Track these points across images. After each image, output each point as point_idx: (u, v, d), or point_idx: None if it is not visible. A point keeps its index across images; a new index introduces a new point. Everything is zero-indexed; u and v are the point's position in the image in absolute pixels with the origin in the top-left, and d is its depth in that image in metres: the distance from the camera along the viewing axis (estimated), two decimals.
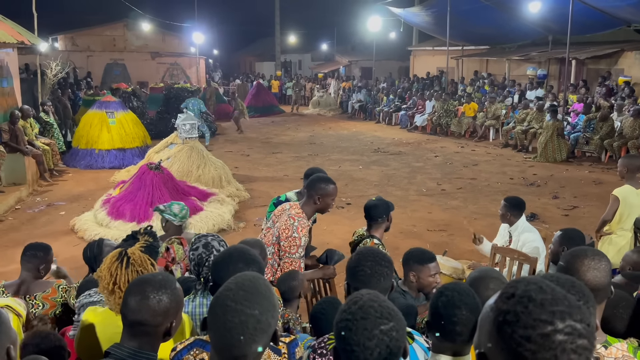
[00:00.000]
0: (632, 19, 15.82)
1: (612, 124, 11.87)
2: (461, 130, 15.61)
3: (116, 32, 26.38)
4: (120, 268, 2.08)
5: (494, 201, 8.67)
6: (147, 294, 1.70)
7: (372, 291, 1.53)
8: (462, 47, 21.85)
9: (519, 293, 1.01)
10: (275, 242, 3.36)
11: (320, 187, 3.38)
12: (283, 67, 35.65)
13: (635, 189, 4.68)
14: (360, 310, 1.42)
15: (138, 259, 2.10)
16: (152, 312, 1.69)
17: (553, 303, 0.98)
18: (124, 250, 2.12)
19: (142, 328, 1.71)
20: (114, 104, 12.22)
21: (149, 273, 1.91)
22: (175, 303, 1.74)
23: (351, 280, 2.19)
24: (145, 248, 2.15)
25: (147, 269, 2.10)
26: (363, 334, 1.39)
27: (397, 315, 1.46)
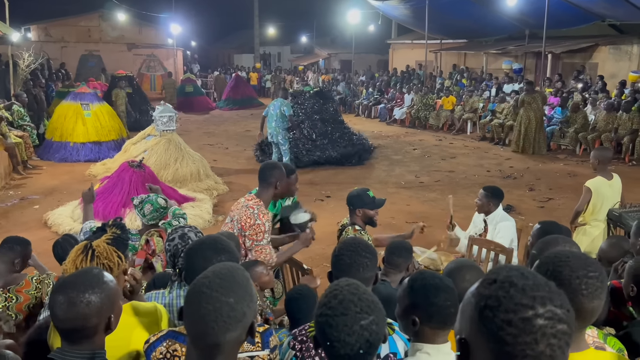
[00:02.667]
0: (606, 14, 16.11)
1: (586, 117, 12.09)
2: (439, 123, 15.74)
3: (91, 22, 25.89)
4: (85, 261, 2.03)
5: (472, 193, 8.76)
6: (73, 300, 1.61)
7: (352, 281, 1.52)
8: (441, 41, 21.99)
9: (500, 278, 1.02)
10: (237, 234, 3.35)
11: (276, 173, 3.43)
12: (262, 60, 35.43)
13: (607, 180, 4.79)
14: (340, 306, 1.42)
15: (103, 251, 2.06)
16: (83, 317, 1.61)
17: (534, 288, 0.99)
18: (89, 243, 2.08)
19: (79, 334, 1.64)
20: (89, 96, 11.99)
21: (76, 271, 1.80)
22: (108, 298, 1.67)
23: (333, 268, 2.21)
24: (112, 240, 2.11)
25: (113, 262, 2.05)
26: (343, 330, 1.39)
27: (377, 307, 1.47)
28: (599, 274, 1.51)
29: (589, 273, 1.49)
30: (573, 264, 1.51)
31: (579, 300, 1.46)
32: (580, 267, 1.50)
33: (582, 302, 1.47)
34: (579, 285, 1.48)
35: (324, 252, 5.79)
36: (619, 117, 11.28)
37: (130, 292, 2.25)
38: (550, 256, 1.57)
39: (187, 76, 22.37)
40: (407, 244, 3.22)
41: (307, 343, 2.00)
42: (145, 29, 27.15)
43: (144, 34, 27.02)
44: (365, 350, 1.40)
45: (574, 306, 1.38)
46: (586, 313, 1.49)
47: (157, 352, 1.82)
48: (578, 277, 1.48)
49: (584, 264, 1.51)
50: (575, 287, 1.47)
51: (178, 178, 8.66)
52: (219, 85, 24.09)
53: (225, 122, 18.18)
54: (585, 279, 1.48)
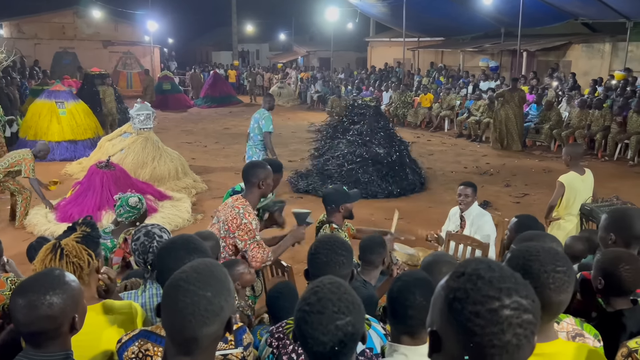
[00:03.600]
0: (579, 13, 16.43)
1: (560, 114, 12.33)
2: (417, 120, 15.87)
3: (65, 19, 25.42)
4: (54, 260, 2.01)
5: (449, 189, 8.88)
6: (33, 302, 1.58)
7: (335, 280, 1.52)
8: (418, 39, 22.15)
9: (468, 271, 1.05)
10: (225, 235, 3.33)
11: (259, 172, 3.41)
12: (240, 57, 35.24)
13: (579, 175, 4.90)
14: (318, 303, 1.43)
15: (72, 249, 2.03)
16: (45, 319, 1.59)
17: (501, 280, 1.02)
18: (58, 242, 2.06)
19: (43, 336, 1.62)
20: (64, 94, 11.78)
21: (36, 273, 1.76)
22: (70, 299, 1.64)
23: (309, 266, 2.22)
24: (82, 238, 2.08)
25: (83, 260, 2.03)
26: (318, 329, 1.41)
27: (356, 308, 1.47)
28: (566, 268, 1.56)
29: (557, 267, 1.54)
30: (542, 259, 1.55)
31: (547, 294, 1.51)
32: (549, 262, 1.54)
33: (550, 296, 1.52)
34: (547, 280, 1.52)
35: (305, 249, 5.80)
36: (592, 114, 11.53)
37: (105, 291, 2.23)
38: (521, 250, 1.61)
39: (165, 74, 22.14)
40: (378, 238, 3.25)
41: (284, 340, 2.01)
42: (122, 26, 26.78)
43: (120, 31, 26.65)
44: (339, 350, 1.41)
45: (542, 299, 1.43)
46: (553, 306, 1.54)
47: (129, 351, 1.81)
48: (546, 271, 1.53)
49: (552, 259, 1.55)
50: (544, 281, 1.52)
51: (156, 177, 8.58)
52: (195, 83, 23.91)
53: (204, 119, 18.05)
54: (553, 274, 1.53)
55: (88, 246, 2.08)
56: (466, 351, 1.01)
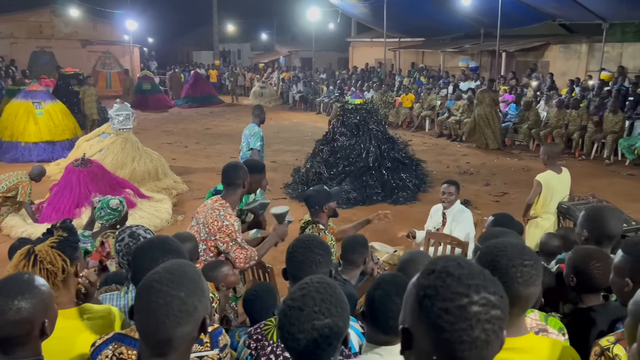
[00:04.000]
0: (557, 14, 16.68)
1: (538, 114, 12.51)
2: (399, 120, 15.96)
3: (42, 18, 25.01)
4: (27, 266, 1.96)
5: (430, 188, 8.95)
6: (1, 308, 1.55)
7: (325, 280, 1.52)
8: (399, 39, 22.27)
9: (438, 269, 1.06)
10: (205, 237, 3.31)
11: (241, 173, 3.41)
12: (222, 57, 35.03)
13: (556, 174, 4.98)
14: (300, 300, 1.44)
15: (46, 256, 1.98)
16: (14, 324, 1.56)
17: (469, 277, 1.04)
18: (32, 248, 2.02)
19: (11, 342, 1.59)
20: (41, 94, 11.59)
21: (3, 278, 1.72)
22: (40, 304, 1.62)
23: (287, 265, 2.22)
24: (58, 244, 2.03)
25: (57, 266, 1.98)
26: (294, 325, 1.42)
27: (339, 312, 1.46)
28: (534, 262, 1.60)
29: (525, 262, 1.58)
30: (510, 254, 1.59)
31: (515, 288, 1.54)
32: (516, 257, 1.58)
33: (519, 290, 1.55)
34: (515, 274, 1.55)
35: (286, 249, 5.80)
36: (569, 113, 11.72)
37: (85, 294, 2.20)
38: (489, 247, 1.64)
39: (145, 73, 21.91)
40: (360, 238, 3.26)
41: (262, 341, 2.01)
42: (100, 25, 26.44)
43: (99, 30, 26.31)
44: (312, 350, 1.41)
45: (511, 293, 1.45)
46: (522, 299, 1.57)
47: (103, 355, 1.78)
48: (514, 265, 1.56)
49: (519, 254, 1.59)
50: (512, 276, 1.55)
51: (135, 177, 8.49)
52: (174, 83, 23.72)
53: (184, 120, 17.92)
54: (521, 267, 1.57)
55: (64, 251, 2.03)
56: (436, 348, 1.02)
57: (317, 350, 1.42)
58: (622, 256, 1.96)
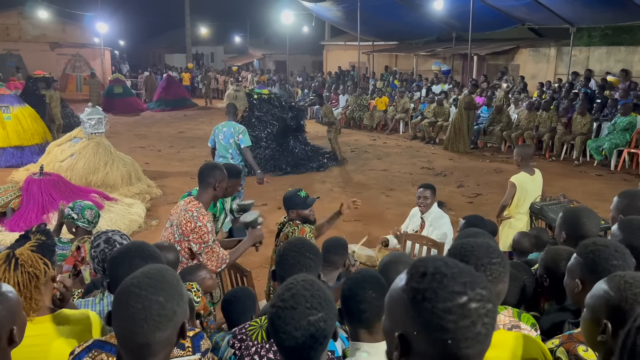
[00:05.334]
0: (526, 18, 17.06)
1: (509, 116, 12.74)
2: (373, 123, 16.07)
3: (9, 20, 24.42)
4: (8, 271, 1.92)
5: (405, 191, 9.04)
6: None
7: (308, 277, 1.55)
8: (373, 43, 22.44)
9: (430, 271, 1.06)
10: (179, 239, 3.29)
11: (217, 174, 3.41)
12: (195, 60, 34.73)
13: (530, 176, 5.08)
14: (291, 299, 1.46)
15: (28, 259, 1.95)
16: None
17: (461, 275, 1.06)
18: (12, 252, 1.97)
19: None
20: (9, 98, 11.31)
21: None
22: (7, 311, 1.58)
23: (277, 267, 2.23)
24: (37, 247, 2.00)
25: (39, 269, 1.95)
26: (290, 324, 1.42)
27: (328, 305, 1.50)
28: (501, 259, 1.65)
29: (492, 259, 1.63)
30: (477, 253, 1.63)
31: None
32: (484, 255, 1.63)
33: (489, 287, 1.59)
34: (484, 272, 1.60)
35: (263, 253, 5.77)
36: (540, 115, 11.97)
37: (60, 300, 2.16)
38: (456, 247, 1.68)
39: (116, 76, 21.57)
40: (342, 240, 3.28)
41: (247, 342, 2.01)
42: (70, 28, 25.94)
43: (68, 32, 25.81)
44: (310, 345, 1.44)
45: None
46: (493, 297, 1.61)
47: None
48: (483, 264, 1.61)
49: (487, 252, 1.64)
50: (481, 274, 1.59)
51: (108, 182, 8.35)
52: (149, 86, 23.41)
53: (157, 123, 17.70)
54: (490, 266, 1.62)
55: (44, 255, 2.00)
56: (439, 348, 1.02)
57: (315, 344, 1.44)
58: (574, 258, 2.00)
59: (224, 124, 6.87)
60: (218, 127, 6.88)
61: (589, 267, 1.91)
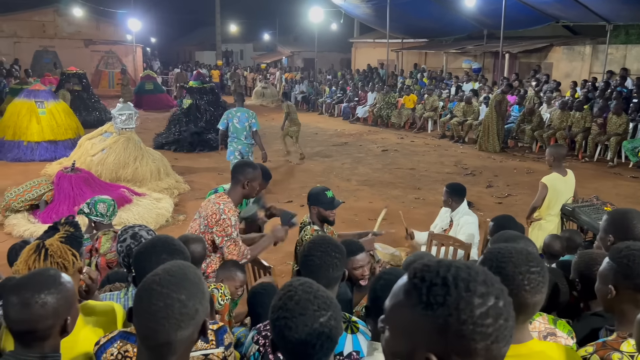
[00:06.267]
0: (561, 15, 16.65)
1: (541, 116, 12.47)
2: (401, 121, 15.93)
3: (46, 17, 25.08)
4: (38, 261, 1.97)
5: (432, 190, 8.93)
6: (27, 300, 1.56)
7: (304, 280, 1.54)
8: (402, 40, 22.24)
9: (450, 280, 0.98)
10: (204, 230, 3.32)
11: (249, 171, 3.41)
12: (224, 57, 35.03)
13: (562, 176, 4.94)
14: (297, 306, 1.43)
15: (57, 249, 1.99)
16: (37, 318, 1.56)
17: (476, 274, 1.00)
18: (42, 242, 2.01)
19: (33, 336, 1.59)
20: (44, 93, 11.58)
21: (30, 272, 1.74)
22: (64, 300, 1.62)
23: (302, 268, 2.20)
24: (66, 238, 2.04)
25: (68, 260, 1.99)
26: (304, 331, 1.40)
27: (333, 302, 1.48)
28: (540, 268, 1.55)
29: (531, 268, 1.53)
30: (516, 260, 1.54)
31: (522, 295, 1.50)
32: (522, 263, 1.53)
33: (525, 297, 1.51)
34: (521, 281, 1.51)
35: (285, 249, 5.77)
36: (573, 115, 11.68)
37: (86, 291, 2.19)
38: (493, 252, 1.59)
39: (147, 73, 21.90)
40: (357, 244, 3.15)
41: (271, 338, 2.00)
42: (103, 25, 26.47)
43: (102, 29, 26.35)
44: (327, 346, 1.42)
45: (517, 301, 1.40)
46: (529, 307, 1.53)
47: (108, 353, 1.77)
48: (521, 272, 1.52)
49: (526, 260, 1.54)
50: (519, 283, 1.50)
51: (137, 177, 8.49)
52: (181, 83, 23.68)
53: None
54: (528, 275, 1.52)
55: (72, 246, 2.05)
56: (480, 357, 0.97)
57: (331, 344, 1.44)
58: (607, 262, 1.91)
59: (237, 110, 8.00)
60: (231, 111, 7.99)
61: (623, 272, 1.83)
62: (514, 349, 1.14)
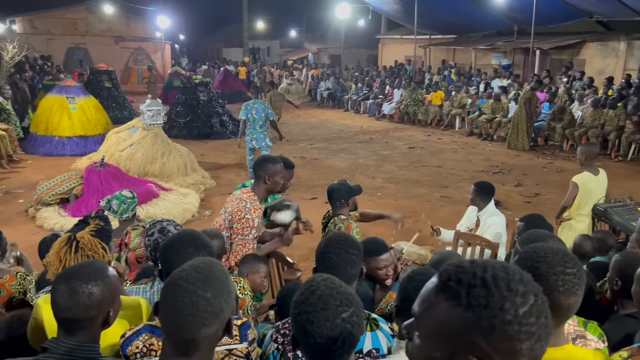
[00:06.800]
0: (594, 11, 16.23)
1: (572, 114, 12.17)
2: (428, 118, 15.76)
3: (78, 15, 25.60)
4: (69, 253, 2.01)
5: (459, 188, 8.81)
6: (75, 289, 1.60)
7: (326, 276, 1.52)
8: (430, 36, 22.01)
9: (489, 281, 0.95)
10: (227, 225, 3.33)
11: (268, 167, 3.41)
12: (251, 54, 35.22)
13: (593, 176, 4.81)
14: (319, 301, 1.42)
15: (88, 243, 2.03)
16: (83, 307, 1.60)
17: (513, 273, 0.97)
18: (73, 235, 2.05)
19: (76, 324, 1.62)
20: (75, 89, 11.83)
21: (79, 262, 1.79)
22: (109, 292, 1.66)
23: (319, 265, 2.18)
24: (96, 232, 2.08)
25: (98, 253, 2.03)
26: (326, 325, 1.39)
27: (355, 299, 1.47)
28: (576, 270, 1.50)
29: (567, 269, 1.48)
30: (551, 260, 1.49)
31: (555, 297, 1.45)
32: (558, 264, 1.49)
33: (559, 299, 1.46)
34: (555, 282, 1.46)
35: (308, 246, 5.77)
36: (606, 113, 11.37)
37: None
38: (529, 252, 1.55)
39: (175, 70, 22.17)
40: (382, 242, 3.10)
41: (289, 336, 1.99)
42: (133, 22, 26.88)
43: (132, 27, 26.76)
44: (349, 343, 1.41)
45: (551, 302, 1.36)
46: (563, 309, 1.48)
47: (133, 346, 1.80)
48: (555, 273, 1.47)
49: (561, 261, 1.50)
50: (553, 284, 1.46)
51: (165, 172, 8.60)
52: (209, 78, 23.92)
53: None
54: (563, 276, 1.47)
55: (102, 240, 2.09)
56: (525, 356, 0.94)
57: (354, 341, 1.43)
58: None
59: (254, 101, 8.77)
60: (249, 103, 8.70)
61: None
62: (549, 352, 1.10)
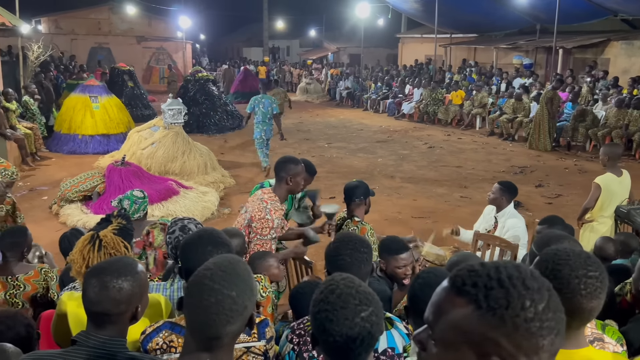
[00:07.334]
0: (619, 9, 15.92)
1: (594, 114, 11.96)
2: (448, 118, 15.64)
3: (101, 15, 25.97)
4: (92, 251, 2.05)
5: (479, 189, 8.73)
6: (105, 284, 1.63)
7: (346, 275, 1.53)
8: (451, 35, 21.84)
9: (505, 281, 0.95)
10: (247, 224, 3.35)
11: (290, 167, 3.42)
12: (271, 53, 35.35)
13: (616, 177, 4.73)
14: (339, 300, 1.43)
15: (110, 241, 2.07)
16: (113, 301, 1.64)
17: (525, 272, 0.97)
18: (96, 233, 2.09)
19: (106, 318, 1.66)
20: (98, 88, 12.02)
21: (110, 258, 1.84)
22: (139, 288, 1.69)
23: (331, 268, 2.19)
24: (118, 230, 2.12)
25: (120, 252, 2.07)
26: (345, 324, 1.40)
27: (375, 299, 1.48)
28: (599, 273, 1.48)
29: (589, 272, 1.46)
30: (573, 263, 1.47)
31: (577, 300, 1.44)
32: (580, 267, 1.47)
33: (581, 302, 1.44)
34: (577, 285, 1.45)
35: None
36: (630, 113, 11.15)
37: None
38: (550, 254, 1.53)
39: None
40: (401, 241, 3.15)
41: (305, 337, 2.00)
42: (155, 22, 27.17)
43: (154, 26, 27.04)
44: (368, 342, 1.41)
45: (572, 306, 1.34)
46: (584, 313, 1.46)
47: (154, 342, 1.83)
48: (577, 276, 1.45)
49: (584, 263, 1.48)
50: (574, 287, 1.44)
51: (185, 171, 8.70)
52: (227, 79, 24.08)
53: None
54: (585, 279, 1.45)
55: (124, 238, 2.13)
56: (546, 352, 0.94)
57: (372, 340, 1.43)
58: None
59: (261, 96, 9.50)
60: (257, 98, 9.45)
61: None
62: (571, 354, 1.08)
